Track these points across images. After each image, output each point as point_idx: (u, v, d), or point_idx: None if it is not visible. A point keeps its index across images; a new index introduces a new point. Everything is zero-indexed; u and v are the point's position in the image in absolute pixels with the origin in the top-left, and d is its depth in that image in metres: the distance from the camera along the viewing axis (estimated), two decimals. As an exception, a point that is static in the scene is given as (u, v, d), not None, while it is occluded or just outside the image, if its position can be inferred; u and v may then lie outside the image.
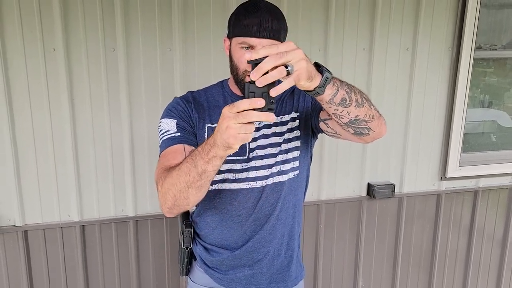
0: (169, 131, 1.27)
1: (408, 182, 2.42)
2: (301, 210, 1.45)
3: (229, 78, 1.38)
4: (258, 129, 1.31)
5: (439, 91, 2.35)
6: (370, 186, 2.34)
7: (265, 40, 1.18)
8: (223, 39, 1.32)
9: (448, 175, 2.45)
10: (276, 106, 1.34)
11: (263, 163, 1.30)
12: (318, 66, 0.97)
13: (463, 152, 2.49)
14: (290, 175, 1.34)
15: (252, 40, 1.18)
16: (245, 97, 0.88)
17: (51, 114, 1.85)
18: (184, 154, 1.21)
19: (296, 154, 1.35)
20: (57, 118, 1.86)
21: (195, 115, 1.32)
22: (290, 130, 1.34)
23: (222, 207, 1.33)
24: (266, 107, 0.88)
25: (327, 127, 1.27)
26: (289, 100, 1.37)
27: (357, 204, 2.38)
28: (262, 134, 1.31)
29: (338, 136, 1.28)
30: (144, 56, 1.90)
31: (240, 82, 1.26)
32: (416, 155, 2.40)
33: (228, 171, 1.30)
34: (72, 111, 1.87)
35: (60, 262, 2.01)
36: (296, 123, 1.35)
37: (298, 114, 1.35)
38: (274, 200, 1.32)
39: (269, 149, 1.31)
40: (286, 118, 1.34)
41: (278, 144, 1.32)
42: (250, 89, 0.88)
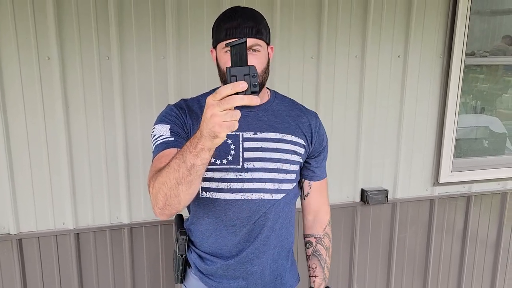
0: (162, 135, 1.27)
1: (402, 187, 2.44)
2: (294, 219, 1.47)
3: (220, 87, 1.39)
4: (256, 139, 1.31)
5: (431, 97, 2.38)
6: (363, 192, 2.35)
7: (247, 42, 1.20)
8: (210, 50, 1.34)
9: (441, 180, 2.47)
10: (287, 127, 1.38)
11: (260, 176, 1.30)
12: None
13: (456, 158, 2.51)
14: (286, 190, 1.36)
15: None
16: (227, 82, 0.87)
17: (45, 122, 1.86)
18: None
19: (295, 170, 1.38)
20: (51, 126, 1.87)
21: (189, 121, 1.31)
22: (293, 153, 1.35)
23: (217, 216, 1.33)
24: (250, 90, 0.86)
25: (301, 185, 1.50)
26: (301, 127, 1.39)
27: (350, 210, 2.39)
28: (261, 147, 1.31)
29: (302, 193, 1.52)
30: (138, 64, 1.91)
31: None
32: (409, 161, 2.42)
33: (221, 179, 1.30)
34: (66, 118, 1.87)
35: (54, 270, 2.01)
36: (301, 150, 1.37)
37: (305, 145, 1.38)
38: (270, 212, 1.33)
39: (268, 163, 1.31)
40: (290, 138, 1.35)
41: (278, 160, 1.32)
42: (232, 72, 0.87)
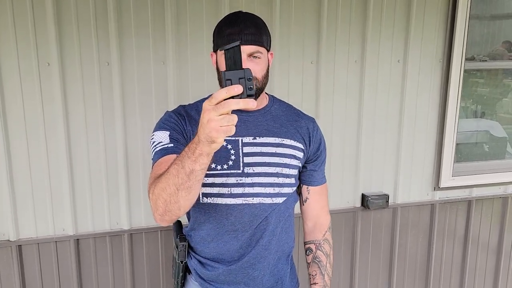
0: (161, 142, 1.27)
1: (402, 192, 2.43)
2: (293, 224, 1.46)
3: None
4: (255, 144, 1.31)
5: (430, 102, 2.38)
6: (364, 196, 2.35)
7: (248, 47, 1.20)
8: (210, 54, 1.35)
9: (442, 185, 2.46)
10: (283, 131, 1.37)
11: (260, 180, 1.30)
12: None
13: (456, 162, 2.51)
14: (286, 194, 1.36)
15: None
16: (222, 86, 0.85)
17: (45, 128, 1.86)
18: None
19: (294, 175, 1.38)
20: (51, 132, 1.87)
21: (188, 127, 1.31)
22: (292, 157, 1.35)
23: (218, 222, 1.32)
24: (245, 93, 0.86)
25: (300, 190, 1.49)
26: (299, 131, 1.39)
27: (351, 215, 2.38)
28: (260, 151, 1.31)
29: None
30: (138, 69, 1.91)
31: None
32: (410, 166, 2.41)
33: (222, 185, 1.29)
34: (66, 124, 1.87)
35: (54, 277, 2.00)
36: (300, 155, 1.37)
37: (304, 149, 1.38)
38: (271, 216, 1.33)
39: (267, 168, 1.31)
40: (289, 142, 1.35)
41: (277, 165, 1.32)
42: (226, 76, 0.86)
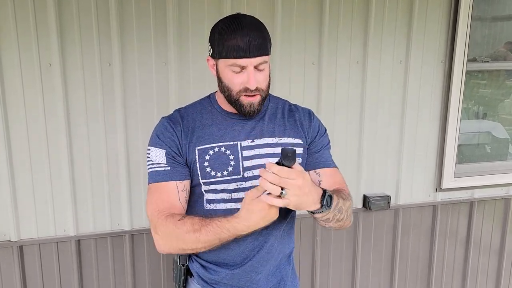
0: (159, 163, 1.26)
1: (404, 193, 2.42)
2: (294, 225, 1.46)
3: (216, 92, 1.36)
4: (253, 147, 1.30)
5: (432, 103, 2.37)
6: (365, 198, 2.34)
7: (255, 59, 1.18)
8: (206, 59, 1.29)
9: (444, 186, 2.46)
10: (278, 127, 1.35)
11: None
12: (324, 195, 1.12)
13: (458, 163, 2.50)
14: None
15: (243, 61, 1.18)
16: (279, 163, 1.03)
17: (46, 129, 1.86)
18: (177, 193, 1.26)
19: None
20: (53, 132, 1.87)
21: (183, 141, 1.29)
22: None
23: None
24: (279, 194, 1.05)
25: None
26: (296, 125, 1.36)
27: (353, 216, 2.37)
28: (258, 153, 1.29)
29: None
30: (139, 70, 1.91)
31: (235, 102, 1.25)
32: (411, 167, 2.41)
33: (223, 191, 1.29)
34: (67, 126, 1.87)
35: (55, 277, 2.00)
36: (299, 150, 1.35)
37: (302, 143, 1.35)
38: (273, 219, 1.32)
39: None
40: (287, 140, 1.33)
41: None
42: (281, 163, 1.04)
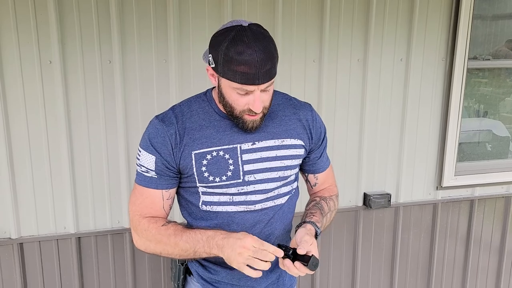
0: (148, 169, 1.25)
1: (404, 191, 2.42)
2: (291, 222, 1.45)
3: (213, 89, 1.31)
4: (255, 150, 1.28)
5: (433, 101, 2.37)
6: (366, 196, 2.34)
7: (264, 85, 1.15)
8: (205, 68, 1.23)
9: (444, 184, 2.46)
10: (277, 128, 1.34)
11: (262, 187, 1.28)
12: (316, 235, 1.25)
13: (459, 162, 2.50)
14: (288, 195, 1.35)
15: (250, 87, 1.14)
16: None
17: (47, 127, 1.86)
18: (162, 201, 1.28)
19: (294, 174, 1.37)
20: (53, 130, 1.87)
21: (177, 145, 1.23)
22: (294, 157, 1.32)
23: (220, 228, 1.29)
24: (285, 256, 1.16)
25: (305, 180, 1.51)
26: (301, 125, 1.35)
27: (353, 214, 2.38)
28: (260, 157, 1.28)
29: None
30: (139, 67, 1.91)
31: (236, 118, 1.22)
32: (412, 165, 2.41)
33: (223, 194, 1.27)
34: (68, 123, 1.87)
35: (55, 275, 2.00)
36: (301, 152, 1.35)
37: (304, 145, 1.35)
38: (274, 220, 1.32)
39: (269, 173, 1.29)
40: (290, 142, 1.32)
41: (279, 169, 1.30)
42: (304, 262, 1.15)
